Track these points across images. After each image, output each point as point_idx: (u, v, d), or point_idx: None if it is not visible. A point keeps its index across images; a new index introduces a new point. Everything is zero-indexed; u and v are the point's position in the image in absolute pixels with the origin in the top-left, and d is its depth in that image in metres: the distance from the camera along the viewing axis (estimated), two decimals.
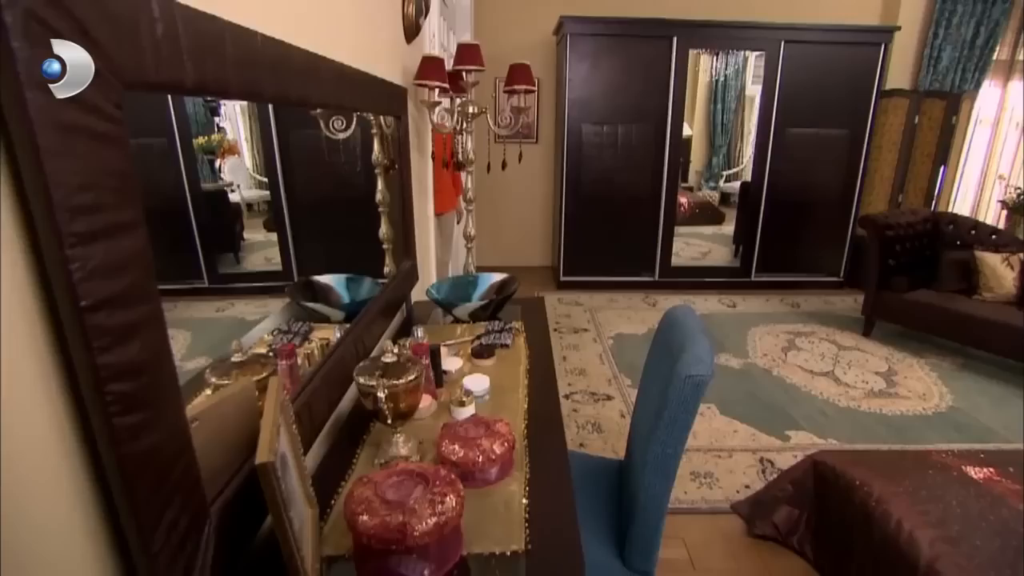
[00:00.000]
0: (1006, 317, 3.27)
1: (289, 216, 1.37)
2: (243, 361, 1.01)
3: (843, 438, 2.61)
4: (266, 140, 1.30)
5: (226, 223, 1.27)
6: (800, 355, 3.52)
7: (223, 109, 1.16)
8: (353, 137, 1.72)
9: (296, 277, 1.43)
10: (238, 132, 1.25)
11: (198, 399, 0.86)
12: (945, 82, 4.83)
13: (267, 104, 1.16)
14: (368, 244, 1.91)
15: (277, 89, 0.92)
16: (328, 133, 1.56)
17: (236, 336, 1.13)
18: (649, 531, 1.16)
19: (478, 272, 2.19)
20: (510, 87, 2.26)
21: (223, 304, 1.18)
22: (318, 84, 1.13)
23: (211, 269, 1.14)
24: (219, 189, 1.20)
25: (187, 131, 1.02)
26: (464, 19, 4.26)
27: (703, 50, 4.95)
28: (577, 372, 3.20)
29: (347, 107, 1.44)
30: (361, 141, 1.79)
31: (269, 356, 1.12)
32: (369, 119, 1.76)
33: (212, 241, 1.14)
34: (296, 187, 1.44)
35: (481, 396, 1.31)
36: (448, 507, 0.82)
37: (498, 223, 5.28)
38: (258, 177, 1.32)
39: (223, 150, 1.17)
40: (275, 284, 1.37)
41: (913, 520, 1.54)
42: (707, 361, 1.05)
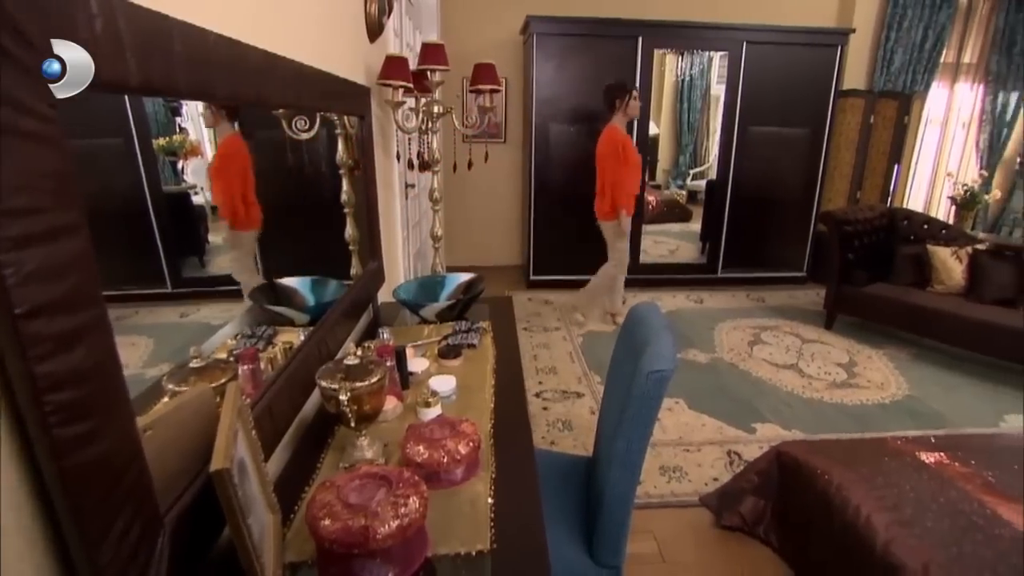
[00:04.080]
0: (956, 308, 3.41)
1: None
2: (202, 367, 0.99)
3: (807, 429, 2.68)
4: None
5: (190, 226, 1.24)
6: (765, 349, 3.61)
7: (185, 109, 1.13)
8: (317, 137, 1.69)
9: (263, 280, 1.41)
10: (201, 133, 1.22)
11: (155, 407, 0.84)
12: (897, 83, 5.00)
13: (222, 104, 1.13)
14: (335, 245, 1.89)
15: (231, 89, 0.90)
16: (291, 133, 1.54)
17: (201, 341, 1.11)
18: (616, 526, 1.18)
19: (448, 272, 2.18)
20: (475, 87, 2.26)
21: (188, 309, 1.16)
22: (275, 84, 1.11)
23: (174, 273, 1.11)
24: (182, 191, 1.17)
25: (146, 132, 0.99)
26: (431, 18, 4.23)
27: (668, 50, 5.03)
28: (547, 370, 3.22)
29: (307, 107, 1.42)
30: (325, 141, 1.77)
31: (230, 361, 1.10)
32: (333, 119, 1.74)
33: (175, 245, 1.11)
34: (261, 188, 1.42)
35: (447, 396, 1.31)
36: (411, 509, 0.82)
37: (468, 223, 5.27)
38: None
39: (186, 151, 1.14)
40: (239, 288, 1.35)
41: (870, 505, 1.59)
42: (669, 357, 1.06)
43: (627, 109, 3.53)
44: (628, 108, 3.53)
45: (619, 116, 3.56)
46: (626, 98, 3.51)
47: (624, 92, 3.51)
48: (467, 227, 5.28)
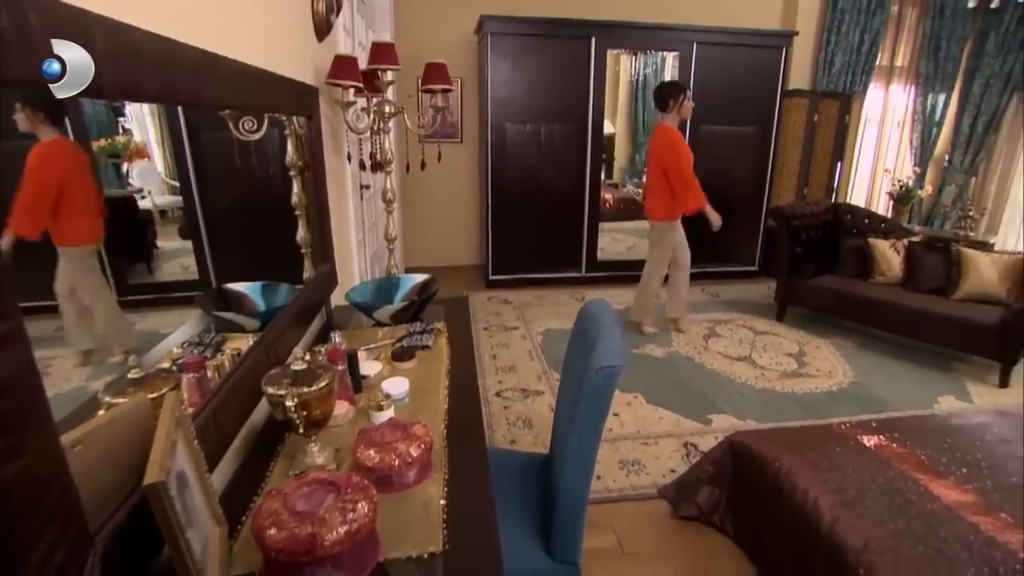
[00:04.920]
0: (894, 298, 3.58)
1: (205, 222, 1.31)
2: (142, 377, 0.96)
3: (760, 418, 2.77)
4: (177, 142, 1.23)
5: (136, 231, 1.19)
6: (720, 342, 3.71)
7: (128, 109, 1.08)
8: (266, 138, 1.66)
9: (215, 285, 1.37)
10: (147, 134, 1.18)
11: (88, 420, 0.80)
12: (838, 84, 5.21)
13: (152, 104, 1.09)
14: (287, 248, 1.85)
15: (162, 88, 0.87)
16: (239, 134, 1.50)
17: (148, 351, 1.07)
18: (571, 522, 1.19)
19: (406, 273, 2.16)
20: (427, 86, 2.24)
21: (135, 317, 1.12)
22: (214, 83, 1.08)
23: (120, 280, 1.07)
24: (127, 195, 1.13)
25: (84, 132, 0.95)
26: (384, 17, 4.18)
27: (622, 50, 5.10)
28: (507, 369, 3.23)
29: (250, 107, 1.39)
30: (274, 142, 1.73)
31: (172, 371, 1.07)
32: (282, 120, 1.70)
33: (120, 251, 1.07)
34: (211, 191, 1.38)
35: (400, 399, 1.30)
36: (360, 514, 0.81)
37: (426, 223, 5.23)
38: (171, 182, 1.25)
39: (130, 153, 1.10)
40: (192, 294, 1.31)
41: (817, 489, 1.65)
42: (617, 353, 1.08)
43: (681, 110, 3.48)
44: (682, 109, 3.48)
45: (672, 116, 3.50)
46: (680, 98, 3.45)
47: (679, 92, 3.46)
48: (425, 228, 5.24)
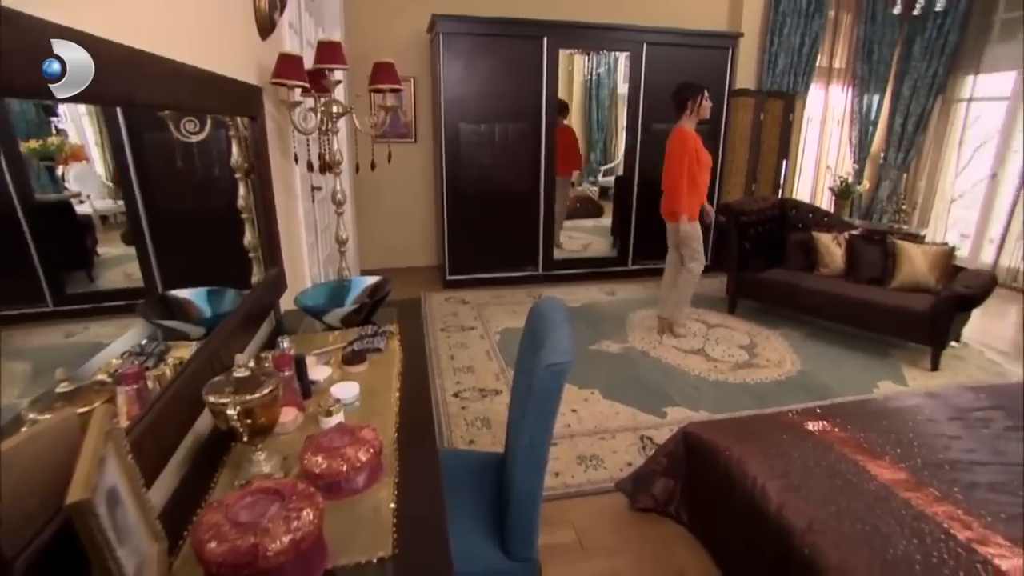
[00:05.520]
0: (838, 289, 3.75)
1: (149, 227, 1.26)
2: (72, 391, 0.91)
3: (713, 409, 2.84)
4: (117, 144, 1.18)
5: (74, 238, 1.14)
6: (675, 336, 3.79)
7: (61, 109, 1.03)
8: (210, 140, 1.61)
9: (161, 292, 1.32)
10: (84, 135, 1.12)
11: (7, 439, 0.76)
12: (782, 84, 5.41)
13: (74, 103, 1.04)
14: (235, 253, 1.80)
15: (83, 88, 0.83)
16: (180, 136, 1.45)
17: (85, 363, 1.02)
18: (526, 519, 1.20)
19: (362, 276, 2.13)
20: (375, 86, 2.21)
21: (75, 328, 1.07)
22: (144, 83, 1.04)
23: (56, 290, 1.02)
24: (63, 200, 1.07)
25: (10, 133, 0.90)
26: (333, 15, 4.11)
27: (574, 50, 5.16)
28: (465, 370, 3.22)
29: (187, 108, 1.34)
30: (219, 144, 1.68)
31: (107, 383, 1.02)
32: (226, 120, 1.65)
33: (56, 259, 1.02)
34: (155, 195, 1.33)
35: (350, 404, 1.28)
36: (305, 522, 0.80)
37: (382, 225, 5.16)
38: (112, 185, 1.20)
39: (65, 156, 1.05)
40: (137, 302, 1.27)
41: (765, 475, 1.71)
42: (565, 350, 1.09)
43: (699, 110, 3.49)
44: (700, 109, 3.48)
45: (690, 117, 3.50)
46: (699, 99, 3.44)
47: (698, 93, 3.44)
48: (381, 229, 5.17)
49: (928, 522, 1.47)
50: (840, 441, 1.87)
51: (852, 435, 1.90)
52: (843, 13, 5.60)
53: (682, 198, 3.49)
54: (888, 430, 1.94)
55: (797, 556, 1.46)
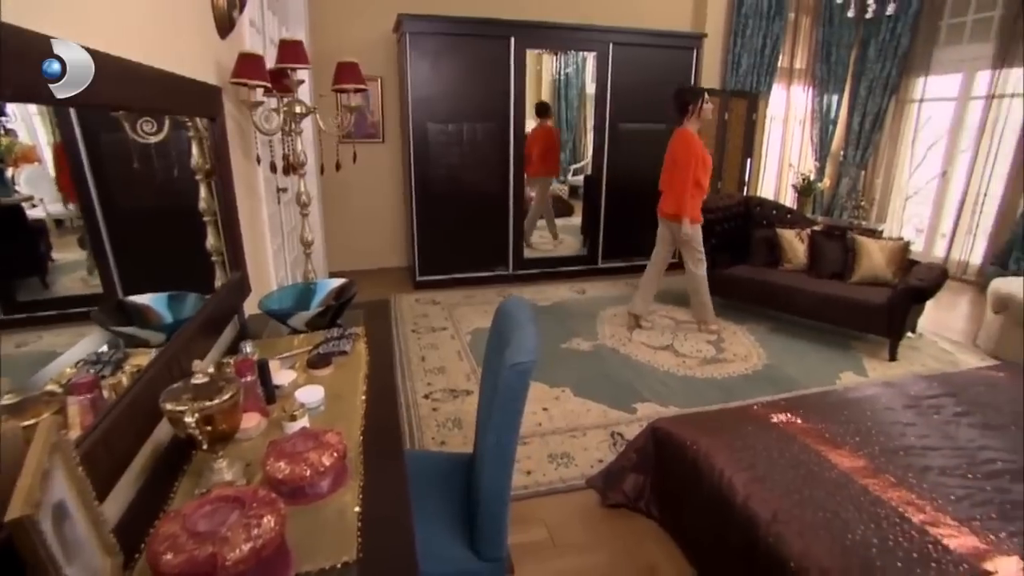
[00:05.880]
0: (801, 283, 3.85)
1: (108, 231, 1.23)
2: (18, 403, 0.88)
3: (682, 404, 2.89)
4: (71, 145, 1.14)
5: (25, 243, 1.10)
6: (644, 332, 3.84)
7: (10, 108, 0.99)
8: (169, 141, 1.57)
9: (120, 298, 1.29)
10: (36, 136, 1.08)
11: None
12: (746, 83, 5.53)
13: (10, 102, 1.01)
14: (197, 257, 1.76)
15: (22, 86, 0.80)
16: (137, 136, 1.41)
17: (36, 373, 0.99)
18: (494, 519, 1.20)
19: (331, 278, 2.10)
20: (338, 86, 2.19)
21: (27, 337, 1.04)
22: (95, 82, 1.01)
23: (6, 298, 1.00)
24: (13, 204, 1.04)
25: None
26: (298, 14, 4.04)
27: (542, 50, 5.18)
28: (436, 371, 3.20)
29: (140, 108, 1.30)
30: (179, 145, 1.64)
31: (57, 393, 0.99)
32: (184, 121, 1.61)
33: (6, 265, 1.00)
34: (113, 198, 1.29)
35: (315, 408, 1.26)
36: (266, 529, 0.78)
37: (351, 226, 5.10)
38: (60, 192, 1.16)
39: (15, 157, 1.01)
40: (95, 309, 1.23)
41: (731, 467, 1.75)
42: (530, 349, 1.10)
43: (700, 113, 3.53)
44: (702, 112, 3.53)
45: (692, 121, 3.54)
46: (699, 102, 3.49)
47: (698, 96, 3.50)
48: (350, 230, 5.11)
49: (884, 507, 1.52)
50: (803, 432, 1.92)
51: (814, 426, 1.96)
52: (802, 16, 5.76)
53: (688, 201, 3.55)
54: (848, 420, 2.00)
55: (763, 546, 1.49)
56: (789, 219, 4.41)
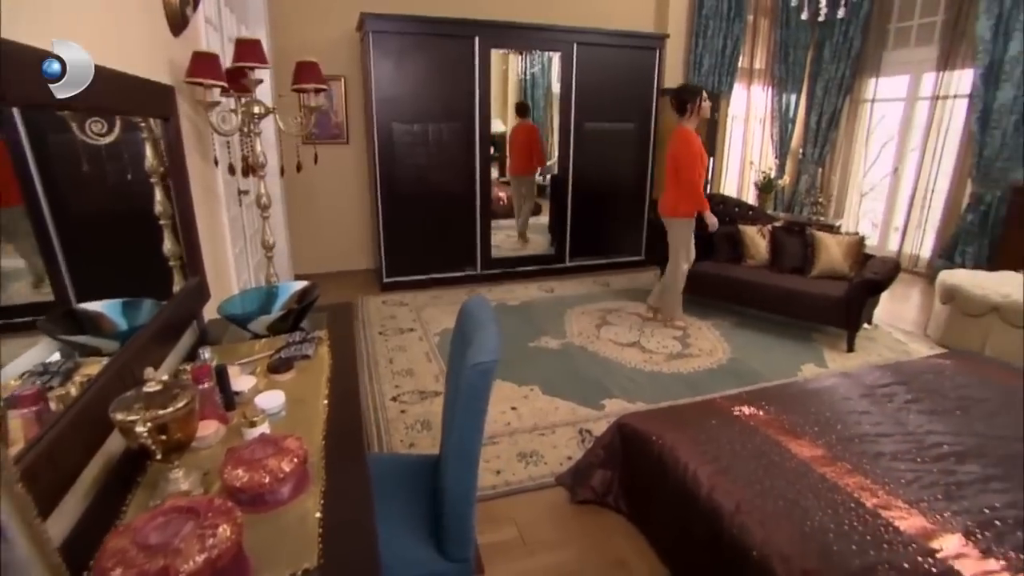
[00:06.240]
0: (763, 278, 3.94)
1: (59, 237, 1.18)
2: None
3: (649, 399, 2.92)
4: (15, 145, 1.09)
5: None
6: (611, 330, 3.88)
7: None
8: (120, 142, 1.52)
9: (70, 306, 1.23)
10: None
11: None
12: (707, 83, 5.63)
13: None
14: (154, 262, 1.71)
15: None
16: (86, 137, 1.36)
17: None
18: (460, 519, 1.20)
19: (295, 281, 2.07)
20: (298, 86, 2.15)
21: None
22: (28, 81, 0.97)
23: None
24: None
25: None
26: (257, 12, 3.96)
27: (507, 50, 5.18)
28: (404, 373, 3.18)
29: (84, 108, 1.25)
30: (133, 146, 1.59)
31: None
32: (137, 121, 1.56)
33: None
34: (65, 202, 1.24)
35: (276, 413, 1.24)
36: (221, 538, 0.76)
37: (316, 228, 5.02)
38: None
39: None
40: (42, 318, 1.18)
41: (696, 461, 1.78)
42: (492, 349, 1.10)
43: (699, 112, 3.60)
44: (700, 111, 3.61)
45: (691, 119, 3.62)
46: (697, 101, 3.56)
47: (696, 95, 3.57)
48: (315, 233, 5.03)
49: (841, 493, 1.57)
50: (764, 423, 1.97)
51: (775, 417, 2.01)
52: (760, 17, 5.91)
53: (693, 193, 3.63)
54: (807, 410, 2.06)
55: (727, 536, 1.52)
56: (751, 216, 4.52)
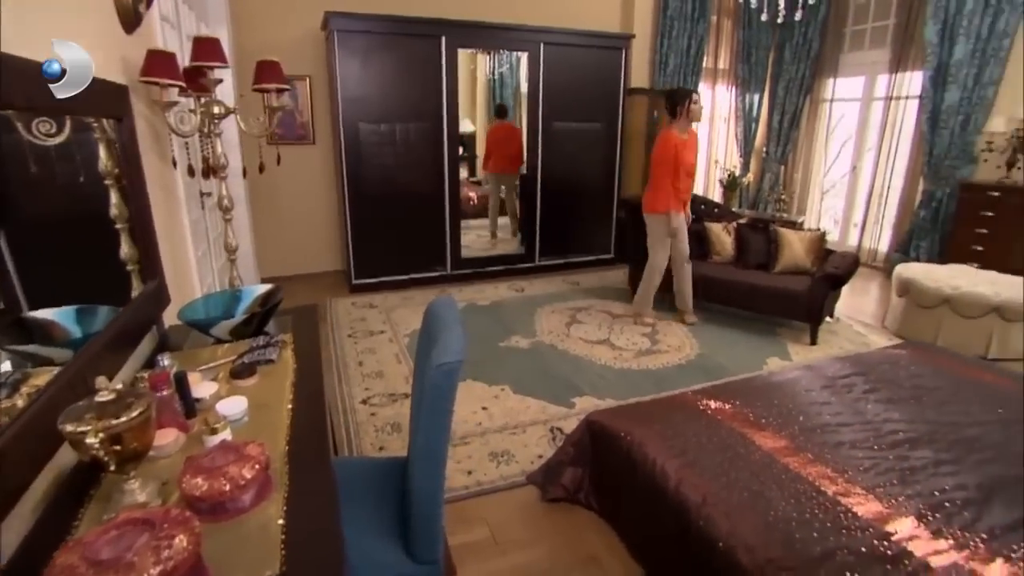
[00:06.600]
0: (729, 275, 4.03)
1: (7, 241, 1.13)
2: None
3: (619, 396, 2.95)
4: None
5: None
6: (581, 328, 3.91)
7: None
8: (71, 143, 1.46)
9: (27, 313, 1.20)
10: None
11: None
12: (673, 83, 5.71)
13: None
14: (112, 266, 1.65)
15: None
16: (32, 138, 1.30)
17: None
18: (428, 521, 1.19)
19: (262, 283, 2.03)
20: (259, 86, 2.11)
21: None
22: None
23: None
24: None
25: None
26: (218, 10, 3.86)
27: (475, 50, 5.17)
28: (374, 375, 3.15)
29: (23, 107, 1.20)
30: (87, 147, 1.54)
31: None
32: (90, 122, 1.51)
33: None
34: (12, 205, 1.21)
35: (238, 419, 1.21)
36: (177, 549, 0.75)
37: (283, 230, 4.93)
38: None
39: None
40: None
41: (664, 455, 1.81)
42: (457, 349, 1.09)
43: (689, 114, 3.64)
44: (690, 113, 3.63)
45: (681, 122, 3.66)
46: (686, 103, 3.60)
47: (685, 98, 3.61)
48: (282, 235, 4.94)
49: (803, 483, 1.62)
50: (730, 417, 2.01)
51: (741, 410, 2.05)
52: (724, 18, 6.03)
53: (657, 194, 3.72)
54: (771, 403, 2.11)
55: (694, 529, 1.55)
56: (716, 213, 4.60)
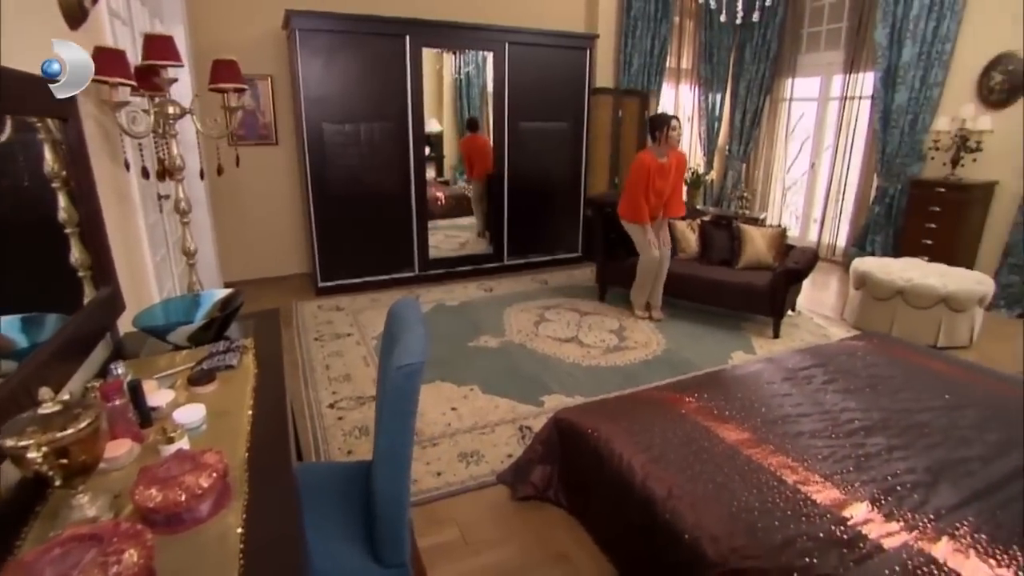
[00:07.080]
0: (694, 271, 4.10)
1: None
2: None
3: (588, 393, 2.97)
4: None
5: None
6: (550, 326, 3.93)
7: None
8: (12, 143, 1.40)
9: None
10: None
11: None
12: (637, 82, 5.79)
13: None
14: (62, 273, 1.59)
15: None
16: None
17: None
18: (393, 524, 1.18)
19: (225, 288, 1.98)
20: (215, 85, 2.06)
21: None
22: None
23: None
24: None
25: None
26: (174, 6, 3.75)
27: (439, 49, 5.14)
28: (342, 379, 3.11)
29: None
30: (29, 148, 1.48)
31: None
32: (33, 122, 1.45)
33: None
34: None
35: (196, 427, 1.18)
36: (128, 564, 0.72)
37: (246, 233, 4.82)
38: None
39: None
40: None
41: (630, 450, 1.83)
42: (418, 351, 1.09)
43: (666, 139, 3.81)
44: (668, 139, 3.80)
45: (662, 144, 3.82)
46: (664, 129, 3.79)
47: (664, 124, 3.81)
48: (246, 238, 4.83)
49: (765, 473, 1.66)
50: (694, 411, 2.04)
51: (705, 404, 2.09)
52: (686, 19, 6.13)
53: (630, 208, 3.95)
54: (735, 396, 2.15)
55: (660, 522, 1.57)
56: None
